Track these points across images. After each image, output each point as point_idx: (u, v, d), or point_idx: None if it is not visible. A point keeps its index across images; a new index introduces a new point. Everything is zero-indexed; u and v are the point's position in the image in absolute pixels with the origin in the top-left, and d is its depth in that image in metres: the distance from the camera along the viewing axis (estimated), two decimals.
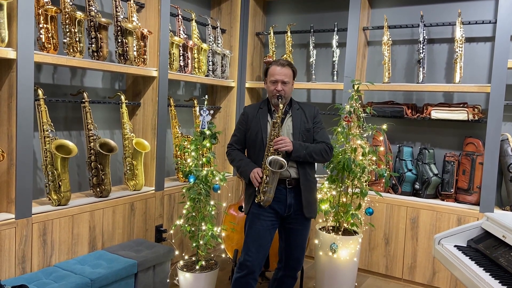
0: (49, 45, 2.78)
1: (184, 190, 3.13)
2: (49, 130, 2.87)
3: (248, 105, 2.87)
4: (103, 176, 3.16)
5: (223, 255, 3.78)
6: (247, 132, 2.74)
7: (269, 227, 2.63)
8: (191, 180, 3.05)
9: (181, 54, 3.85)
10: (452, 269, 2.33)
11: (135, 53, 3.35)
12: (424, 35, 3.78)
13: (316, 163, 2.78)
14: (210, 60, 4.23)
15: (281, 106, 2.57)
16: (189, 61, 3.93)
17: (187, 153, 3.25)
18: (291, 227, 2.69)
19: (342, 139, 3.27)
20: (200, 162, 3.12)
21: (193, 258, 3.21)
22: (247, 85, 4.55)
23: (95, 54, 3.10)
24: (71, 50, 2.91)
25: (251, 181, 2.60)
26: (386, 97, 4.17)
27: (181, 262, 3.19)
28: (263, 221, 2.61)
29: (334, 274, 3.16)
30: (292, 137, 2.64)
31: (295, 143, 2.57)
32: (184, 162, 3.74)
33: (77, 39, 2.93)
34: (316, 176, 4.22)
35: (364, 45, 4.15)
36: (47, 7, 2.74)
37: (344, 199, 3.25)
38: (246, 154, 2.81)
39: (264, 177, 2.54)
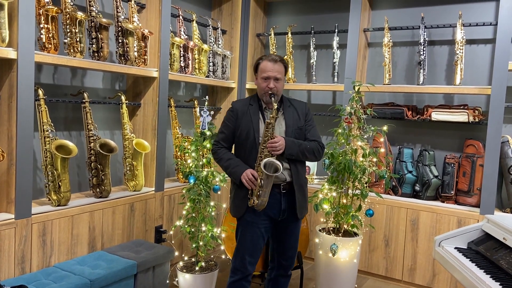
0: (50, 45, 2.78)
1: (184, 191, 3.13)
2: (49, 130, 2.87)
3: (236, 101, 2.71)
4: (103, 177, 3.16)
5: (223, 256, 3.77)
6: (236, 130, 2.58)
7: (263, 234, 2.57)
8: (191, 181, 3.04)
9: (181, 55, 3.85)
10: (453, 271, 2.33)
11: (135, 53, 3.35)
12: (425, 36, 3.78)
13: (311, 163, 2.72)
14: (210, 61, 4.23)
15: (275, 105, 2.46)
16: (190, 61, 3.93)
17: (187, 154, 3.24)
18: (284, 229, 2.63)
19: (343, 141, 3.27)
20: (200, 163, 3.12)
21: (193, 259, 3.20)
22: (247, 86, 4.55)
23: (96, 54, 3.10)
24: (72, 50, 2.91)
25: (241, 183, 2.48)
26: (386, 99, 4.17)
27: (181, 263, 3.19)
28: (257, 228, 2.54)
29: (334, 276, 3.16)
30: (285, 135, 2.55)
31: (288, 140, 2.48)
32: (184, 162, 3.74)
33: (77, 40, 2.93)
34: (316, 177, 4.26)
35: (365, 46, 4.15)
36: (48, 7, 2.74)
37: (345, 201, 3.25)
38: (233, 152, 2.68)
39: (259, 180, 2.43)
